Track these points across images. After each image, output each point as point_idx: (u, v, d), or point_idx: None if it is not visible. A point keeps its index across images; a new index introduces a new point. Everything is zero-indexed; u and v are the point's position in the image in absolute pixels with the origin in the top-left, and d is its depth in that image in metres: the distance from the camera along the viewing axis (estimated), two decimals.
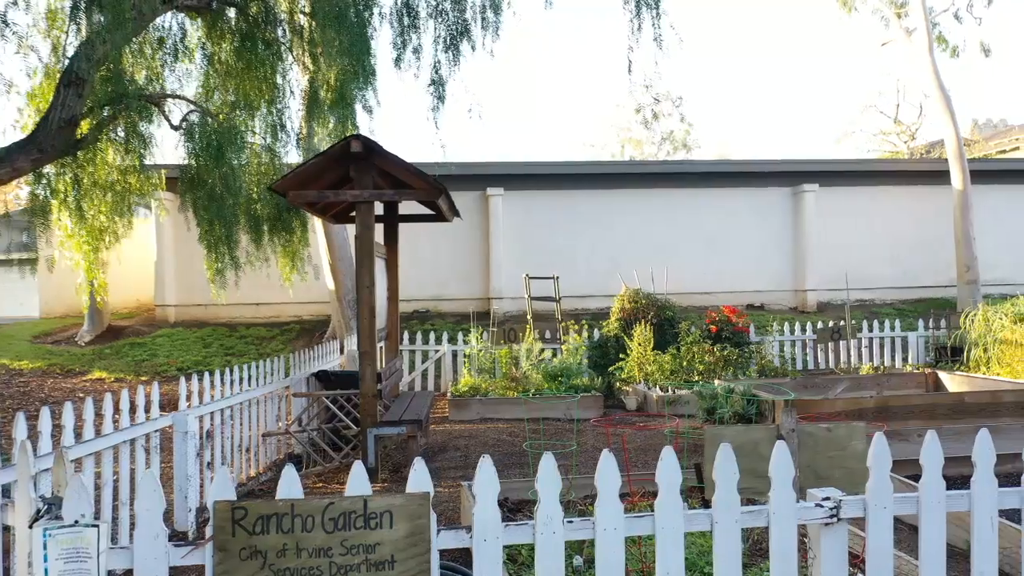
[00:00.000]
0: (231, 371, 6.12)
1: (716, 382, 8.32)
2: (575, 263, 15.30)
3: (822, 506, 2.61)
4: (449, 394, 10.00)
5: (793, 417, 2.99)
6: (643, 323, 11.25)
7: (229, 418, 5.92)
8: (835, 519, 2.61)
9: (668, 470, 2.49)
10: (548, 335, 12.07)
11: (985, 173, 16.53)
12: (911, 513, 2.73)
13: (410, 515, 2.30)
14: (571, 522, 2.49)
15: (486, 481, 2.42)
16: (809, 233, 15.86)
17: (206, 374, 5.76)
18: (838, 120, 60.28)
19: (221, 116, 8.62)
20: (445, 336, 12.11)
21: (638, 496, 4.76)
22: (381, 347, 8.16)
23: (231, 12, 8.90)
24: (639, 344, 10.72)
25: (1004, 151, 31.73)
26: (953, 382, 8.50)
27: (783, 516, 2.56)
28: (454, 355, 11.91)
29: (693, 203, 15.95)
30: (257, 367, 6.76)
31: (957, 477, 5.50)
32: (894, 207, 16.44)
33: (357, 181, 6.52)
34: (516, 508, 4.87)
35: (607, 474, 2.48)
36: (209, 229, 8.51)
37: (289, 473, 2.33)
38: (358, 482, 2.34)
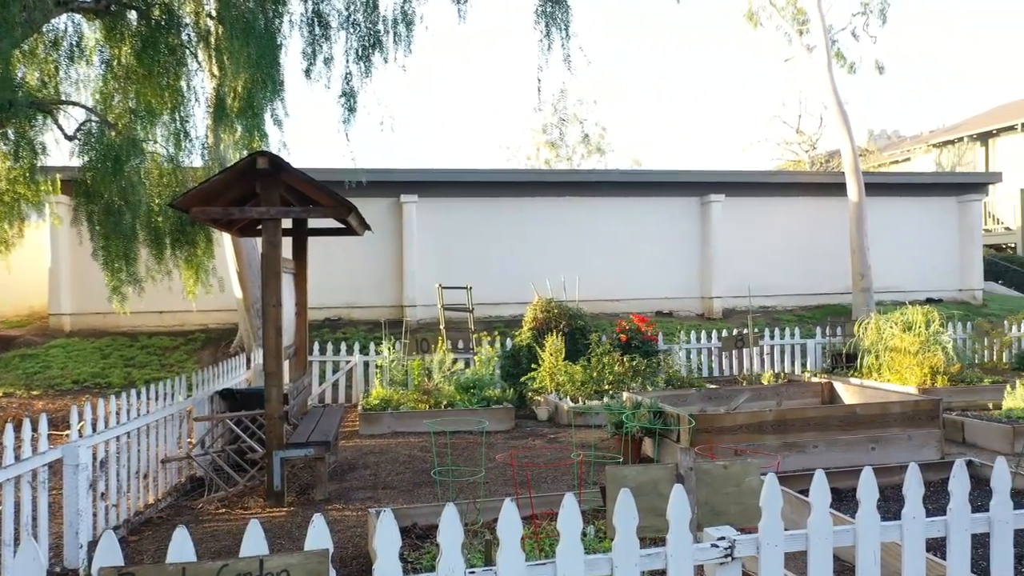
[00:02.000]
0: (127, 395, 5.89)
1: (625, 394, 8.48)
2: (489, 270, 15.35)
3: (717, 546, 2.70)
4: (360, 407, 9.87)
5: (691, 457, 3.08)
6: (555, 333, 11.36)
7: (125, 445, 5.69)
8: (729, 558, 2.70)
9: (569, 518, 2.52)
10: (461, 345, 12.07)
11: (878, 185, 17.39)
12: (802, 549, 2.84)
13: (309, 574, 2.26)
14: (473, 572, 2.50)
15: (386, 535, 2.40)
16: (716, 242, 16.35)
17: (100, 402, 5.52)
18: (745, 129, 62.36)
19: (121, 124, 8.27)
20: (357, 346, 11.95)
21: (543, 520, 4.80)
22: (289, 364, 8.00)
23: (132, 15, 8.55)
24: (550, 354, 10.82)
25: (897, 161, 33.45)
26: (847, 391, 8.90)
27: (680, 558, 2.63)
28: (366, 366, 11.77)
29: (605, 212, 16.22)
30: (157, 388, 6.52)
31: (850, 490, 5.77)
32: (795, 217, 17.10)
33: (264, 198, 6.37)
34: (424, 535, 4.85)
35: (509, 522, 2.50)
36: (106, 244, 8.14)
37: (180, 535, 2.26)
38: (254, 541, 2.29)
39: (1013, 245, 24.89)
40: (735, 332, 12.84)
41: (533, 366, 10.97)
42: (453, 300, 13.09)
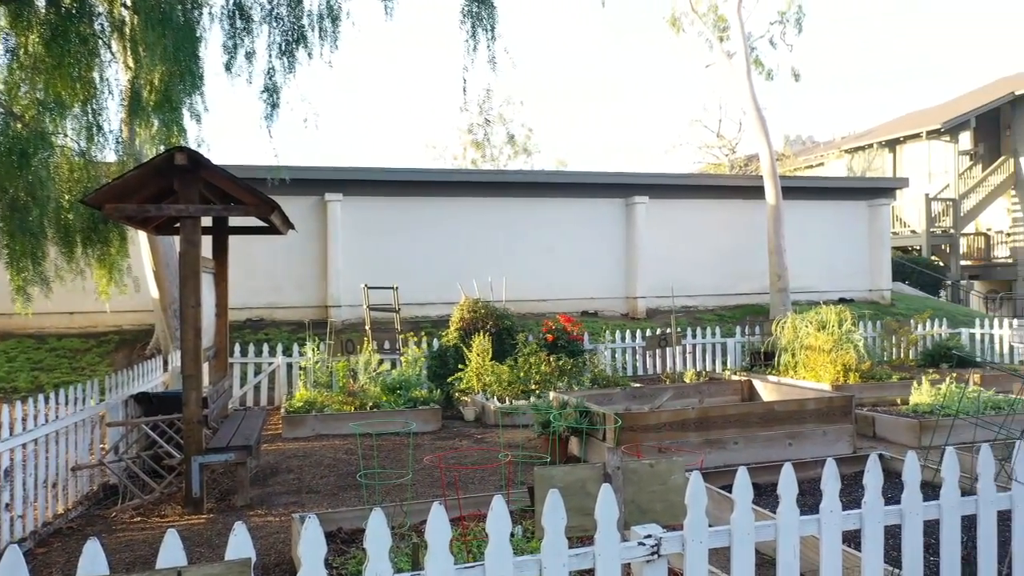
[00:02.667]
0: (35, 400, 5.62)
1: (552, 394, 8.53)
2: (416, 271, 15.24)
3: (644, 544, 2.73)
4: (283, 410, 9.66)
5: (617, 456, 3.11)
6: (482, 333, 11.36)
7: (32, 452, 5.43)
8: (656, 556, 2.74)
9: (498, 520, 2.52)
10: (387, 346, 11.95)
11: (794, 189, 17.97)
12: (726, 545, 2.91)
13: None
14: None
15: (311, 541, 2.34)
16: (640, 243, 16.61)
17: (4, 408, 5.25)
18: (668, 132, 63.62)
19: (28, 116, 7.88)
20: (280, 347, 11.70)
21: (472, 522, 4.79)
22: (209, 366, 7.77)
23: (40, 1, 8.16)
24: (477, 354, 10.81)
25: (811, 165, 34.63)
26: (766, 389, 9.16)
27: (608, 557, 2.65)
28: (289, 367, 11.54)
29: (532, 212, 16.30)
30: (67, 392, 6.24)
31: (769, 485, 5.93)
32: (716, 219, 17.52)
33: (182, 195, 6.16)
34: (350, 539, 4.77)
35: (437, 525, 2.47)
36: (10, 243, 7.74)
37: (91, 547, 2.16)
38: (171, 551, 2.20)
39: (918, 248, 26.08)
40: (658, 331, 13.08)
41: (460, 366, 10.94)
42: (379, 300, 12.95)
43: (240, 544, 2.27)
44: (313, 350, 11.00)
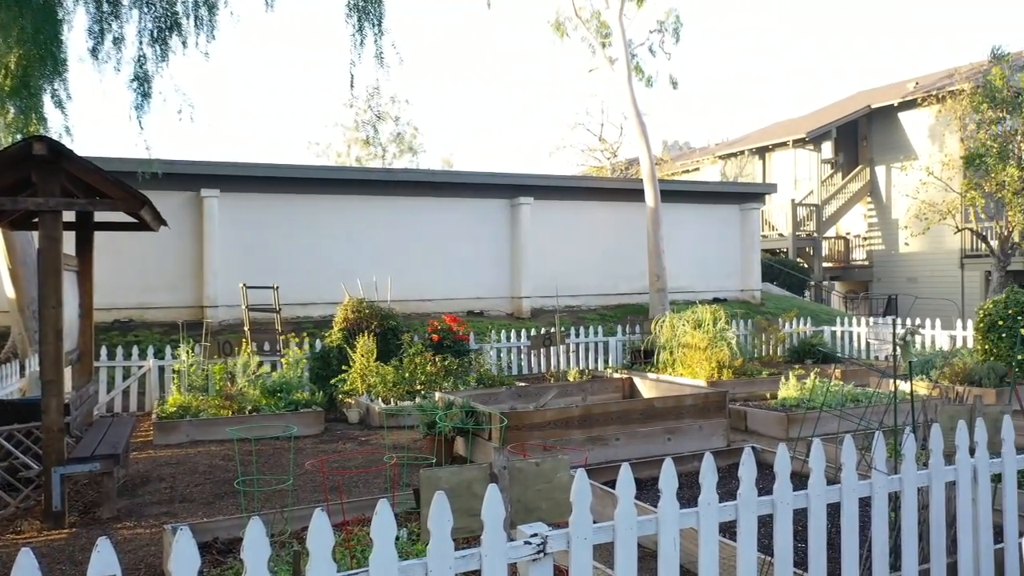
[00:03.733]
0: None
1: (437, 394, 8.49)
2: (298, 270, 14.83)
3: (530, 543, 2.74)
4: (155, 416, 9.20)
5: (504, 456, 3.11)
6: (366, 333, 11.18)
7: None
8: (542, 554, 2.75)
9: (383, 524, 2.47)
10: (268, 347, 11.58)
11: (672, 193, 18.58)
12: (610, 540, 2.95)
13: None
14: None
15: (183, 554, 2.22)
16: (525, 243, 16.77)
17: None
18: (552, 135, 64.72)
19: None
20: (151, 350, 11.13)
21: (356, 527, 4.69)
22: (72, 371, 7.31)
23: None
24: (362, 355, 10.63)
25: (688, 170, 35.96)
26: (646, 386, 9.43)
27: (494, 557, 2.65)
28: (161, 371, 10.99)
29: (417, 212, 16.17)
30: None
31: (649, 479, 6.10)
32: (599, 220, 17.90)
33: (41, 188, 5.75)
34: (227, 549, 4.58)
35: (319, 532, 2.40)
36: None
37: None
38: (26, 572, 2.04)
39: (785, 250, 27.52)
40: (543, 331, 13.25)
41: (344, 368, 10.72)
42: (259, 300, 12.52)
43: (104, 560, 2.12)
44: (188, 352, 10.52)
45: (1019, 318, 10.14)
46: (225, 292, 14.11)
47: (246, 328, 11.54)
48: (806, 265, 27.17)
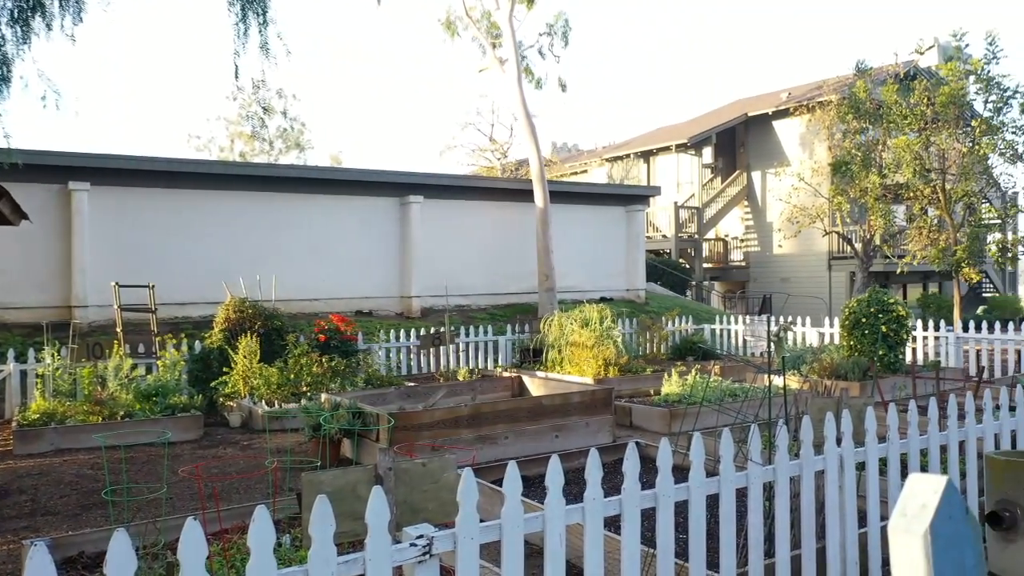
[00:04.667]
0: None
1: (323, 396, 8.29)
2: (176, 268, 14.19)
3: (415, 545, 2.69)
4: (15, 423, 8.58)
5: (389, 457, 3.05)
6: (250, 334, 10.81)
7: None
8: (428, 556, 2.71)
9: (260, 532, 2.36)
10: (143, 349, 11.01)
11: (561, 194, 18.87)
12: (497, 539, 2.94)
13: None
14: None
15: (39, 572, 2.06)
16: (415, 242, 16.63)
17: None
18: (442, 134, 64.54)
19: None
20: (12, 353, 10.39)
21: (235, 535, 4.51)
22: None
23: None
24: (244, 356, 10.27)
25: (576, 172, 36.60)
26: (534, 384, 9.51)
27: (379, 561, 2.59)
28: (23, 375, 10.26)
29: (304, 209, 15.77)
30: None
31: (538, 476, 6.14)
32: (489, 220, 17.97)
33: None
34: (94, 564, 4.31)
35: (191, 542, 2.28)
36: None
37: None
38: None
39: (668, 251, 28.41)
40: (432, 330, 13.17)
41: (225, 369, 10.32)
42: (134, 300, 11.90)
43: None
44: (53, 355, 9.87)
45: (880, 316, 10.81)
46: (96, 291, 13.33)
47: (119, 329, 10.93)
48: (688, 266, 28.14)
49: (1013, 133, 17.52)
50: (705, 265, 29.15)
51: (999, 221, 20.38)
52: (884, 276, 25.80)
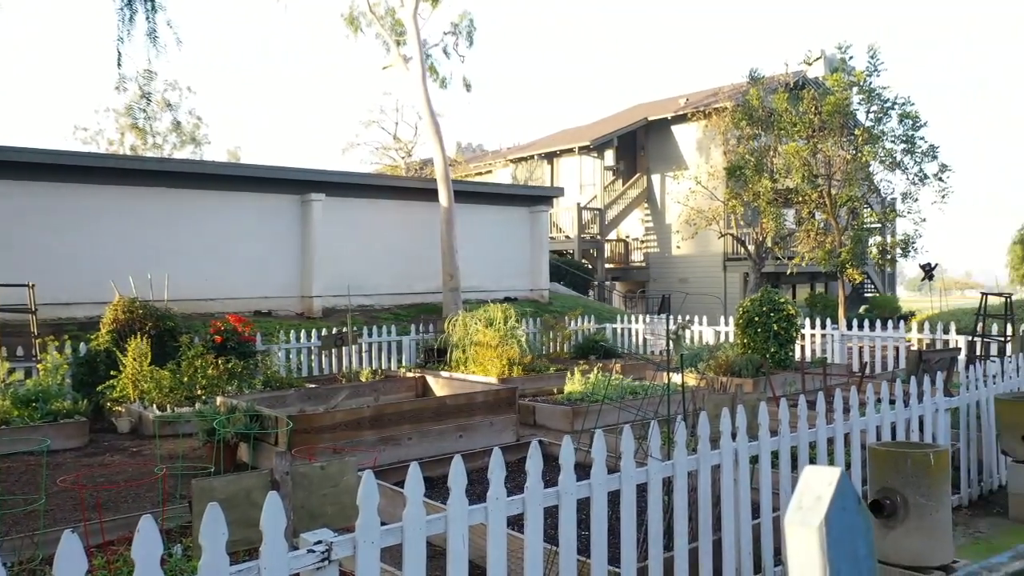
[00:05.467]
0: None
1: (219, 399, 7.99)
2: (59, 267, 13.43)
3: (314, 551, 2.62)
4: None
5: (287, 461, 2.96)
6: (140, 335, 10.34)
7: None
8: (327, 562, 2.64)
9: (145, 543, 2.24)
10: (21, 352, 10.38)
11: (466, 194, 18.85)
12: (399, 542, 2.89)
13: None
14: None
15: None
16: (316, 241, 16.28)
17: None
18: (345, 131, 63.57)
19: None
20: None
21: (121, 546, 4.29)
22: None
23: None
24: (134, 359, 9.80)
25: (481, 172, 36.65)
26: (438, 384, 9.45)
27: (275, 569, 2.50)
28: None
29: (199, 206, 15.19)
30: None
31: (442, 477, 6.10)
32: (393, 219, 17.77)
33: None
34: None
35: (68, 557, 2.14)
36: None
37: None
38: None
39: (572, 251, 28.80)
40: (334, 331, 12.91)
41: (113, 373, 9.82)
42: (12, 300, 11.19)
43: None
44: None
45: (772, 315, 11.25)
46: None
47: None
48: (590, 266, 28.59)
49: (892, 142, 18.57)
50: (607, 265, 29.69)
51: (879, 225, 21.60)
52: (775, 276, 26.88)
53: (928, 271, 12.62)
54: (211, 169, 16.53)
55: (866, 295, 30.37)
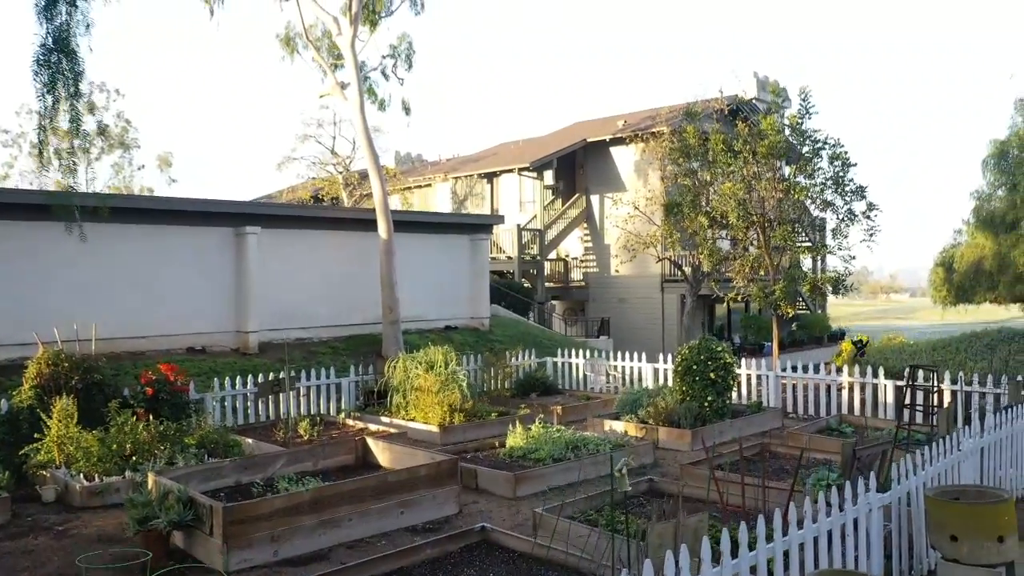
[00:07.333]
0: None
1: (150, 477, 7.72)
2: None
3: None
4: None
5: None
6: (66, 391, 9.97)
7: None
8: None
9: None
10: None
11: (405, 223, 18.69)
12: None
13: None
14: None
15: None
16: (252, 275, 15.90)
17: None
18: (281, 146, 62.41)
19: None
20: None
21: None
22: None
23: None
24: (59, 421, 9.42)
25: (420, 185, 36.41)
26: (378, 448, 9.30)
27: None
28: None
29: (128, 240, 14.66)
30: None
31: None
32: (330, 250, 17.49)
33: None
34: None
35: None
36: None
37: None
38: None
39: (512, 272, 28.87)
40: (271, 377, 12.65)
41: (38, 436, 9.42)
42: None
43: None
44: None
45: (709, 363, 11.44)
46: None
47: None
48: (530, 285, 28.68)
49: (823, 184, 19.08)
50: (547, 284, 29.82)
51: (812, 261, 22.22)
52: (711, 299, 27.39)
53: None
54: (140, 203, 16.05)
55: (799, 313, 31.20)
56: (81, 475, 8.83)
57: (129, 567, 6.28)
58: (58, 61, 7.06)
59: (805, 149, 18.77)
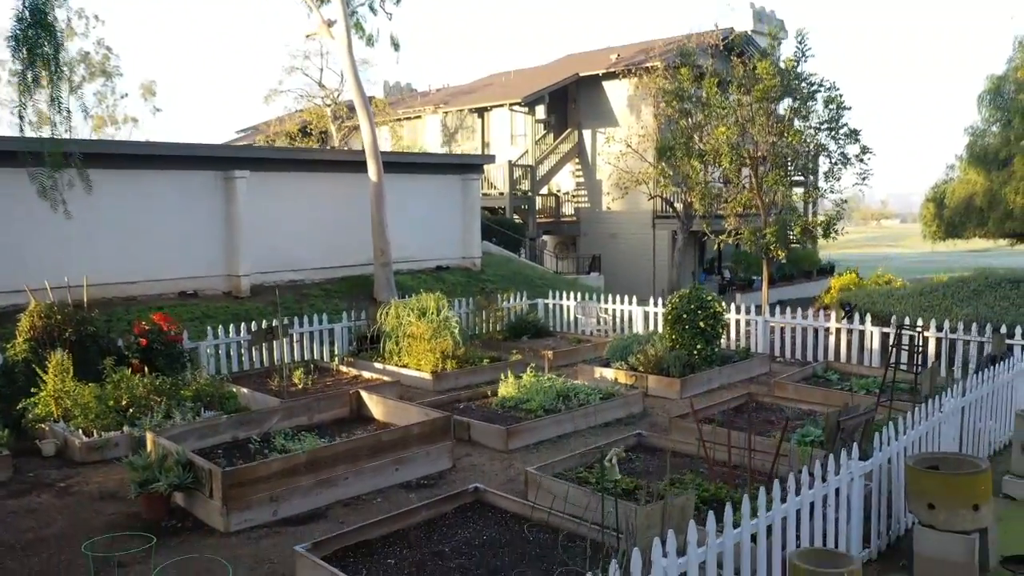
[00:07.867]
0: None
1: (148, 436, 7.85)
2: None
3: None
4: None
5: None
6: (60, 343, 10.03)
7: None
8: None
9: None
10: None
11: (396, 164, 18.51)
12: None
13: None
14: None
15: None
16: (242, 219, 15.80)
17: None
18: (268, 78, 60.95)
19: None
20: None
21: None
22: None
23: None
24: (55, 375, 9.51)
25: (410, 118, 35.89)
26: (372, 403, 9.44)
27: None
28: None
29: (118, 185, 14.50)
30: None
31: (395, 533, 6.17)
32: (321, 193, 17.35)
33: None
34: None
35: None
36: None
37: None
38: None
39: (503, 208, 28.75)
40: (264, 324, 12.70)
41: (34, 390, 9.52)
42: None
43: None
44: None
45: (699, 312, 11.56)
46: None
47: None
48: (521, 221, 28.61)
49: (817, 128, 18.89)
50: (538, 219, 29.75)
51: (804, 204, 22.16)
52: (702, 235, 27.43)
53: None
54: (128, 149, 15.80)
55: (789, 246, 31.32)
56: (80, 430, 8.96)
57: (133, 534, 6.46)
58: (36, 35, 6.84)
59: (800, 92, 18.52)
